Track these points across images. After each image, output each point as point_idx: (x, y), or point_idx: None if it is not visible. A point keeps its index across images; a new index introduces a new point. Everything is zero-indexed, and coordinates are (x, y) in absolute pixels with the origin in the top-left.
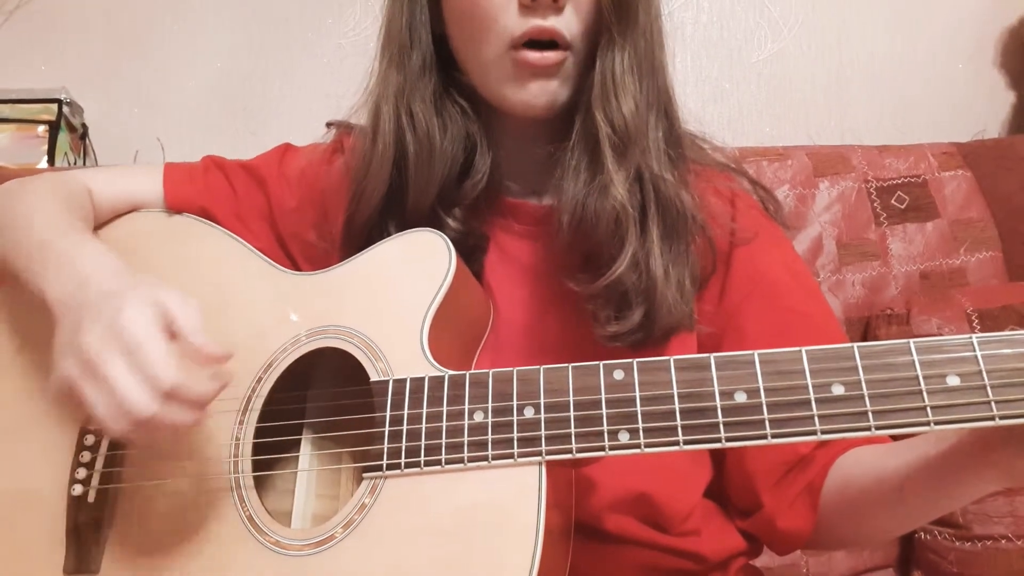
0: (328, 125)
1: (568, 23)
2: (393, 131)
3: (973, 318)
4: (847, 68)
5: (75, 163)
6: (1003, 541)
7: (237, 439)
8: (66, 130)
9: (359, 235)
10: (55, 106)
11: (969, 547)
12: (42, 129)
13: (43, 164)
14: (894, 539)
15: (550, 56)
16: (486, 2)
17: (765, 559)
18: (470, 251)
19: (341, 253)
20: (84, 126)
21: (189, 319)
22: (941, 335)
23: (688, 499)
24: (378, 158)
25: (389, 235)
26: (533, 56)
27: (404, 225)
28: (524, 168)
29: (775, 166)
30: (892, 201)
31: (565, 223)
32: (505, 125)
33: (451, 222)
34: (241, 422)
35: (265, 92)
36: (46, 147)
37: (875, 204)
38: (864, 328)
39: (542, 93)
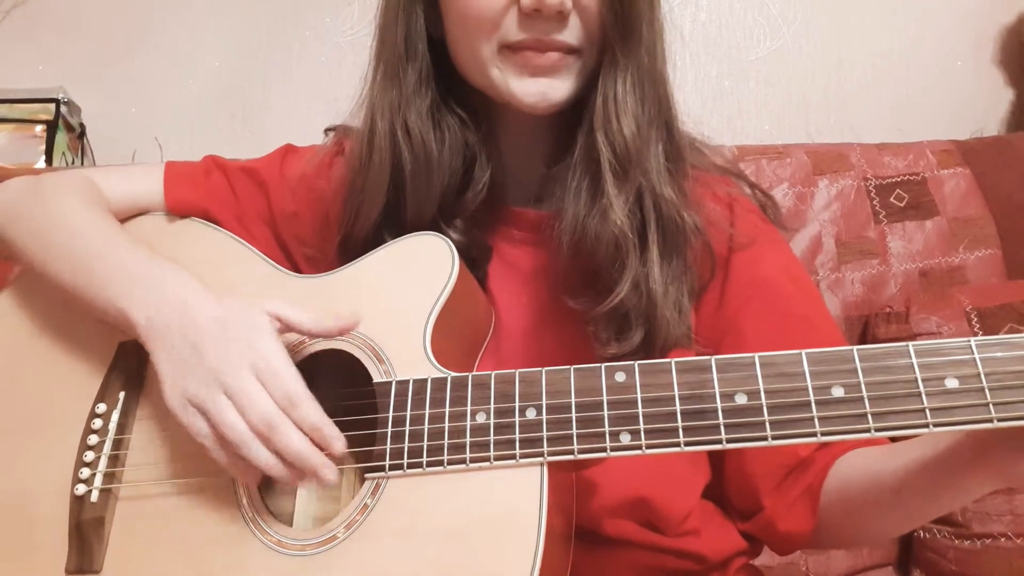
0: (326, 132)
1: (574, 33)
2: (389, 147)
3: (972, 316)
4: (846, 66)
5: (73, 163)
6: (1002, 539)
7: None
8: (64, 130)
9: (356, 248)
10: (53, 106)
11: (968, 545)
12: (40, 129)
13: (41, 164)
14: (894, 538)
15: (553, 55)
16: (485, 6)
17: (765, 558)
18: (472, 261)
19: (339, 262)
20: (82, 125)
21: (298, 389)
22: (940, 333)
23: (686, 501)
24: (374, 174)
25: None
26: (533, 56)
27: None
28: (525, 177)
29: (774, 164)
30: (891, 199)
31: (565, 243)
32: (506, 133)
33: (452, 233)
34: None
35: (263, 91)
36: (44, 147)
37: (874, 202)
38: (863, 326)
39: (544, 94)
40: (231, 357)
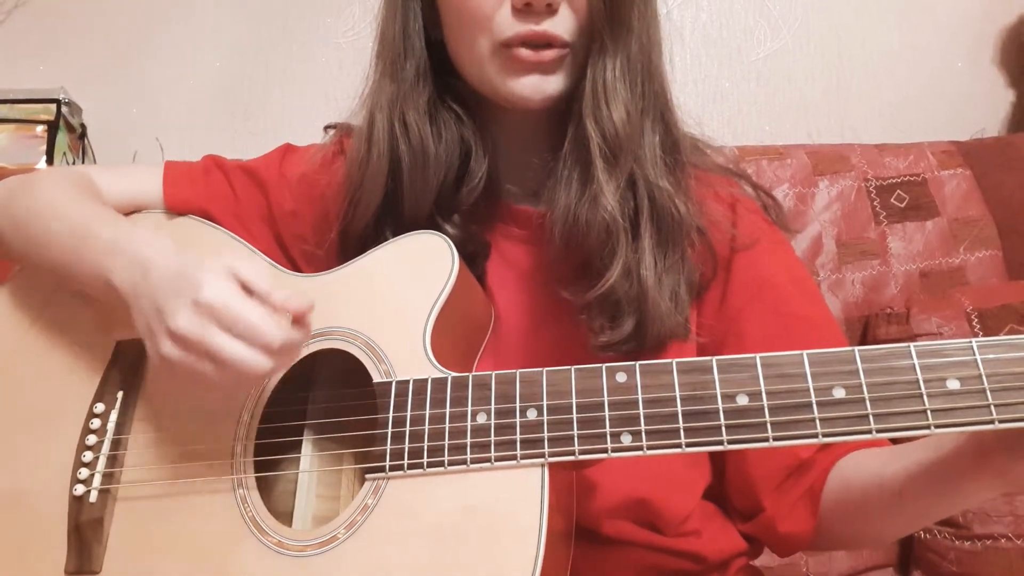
0: (326, 128)
1: (564, 24)
2: (387, 140)
3: (973, 317)
4: (846, 66)
5: (74, 163)
6: (1003, 540)
7: (239, 440)
8: (65, 130)
9: (355, 243)
10: (54, 106)
11: (969, 546)
12: (41, 129)
13: (42, 164)
14: (895, 540)
15: (546, 54)
16: (478, 2)
17: (765, 559)
18: (471, 257)
19: (338, 260)
20: (83, 126)
21: (263, 280)
22: (941, 334)
23: (686, 503)
24: (373, 168)
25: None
26: (526, 53)
27: (401, 232)
28: (522, 172)
29: (775, 165)
30: (892, 200)
31: (557, 233)
32: (501, 128)
33: (450, 229)
34: (243, 423)
35: (264, 92)
36: (45, 147)
37: (875, 203)
38: (864, 327)
39: (538, 87)
40: (182, 311)
